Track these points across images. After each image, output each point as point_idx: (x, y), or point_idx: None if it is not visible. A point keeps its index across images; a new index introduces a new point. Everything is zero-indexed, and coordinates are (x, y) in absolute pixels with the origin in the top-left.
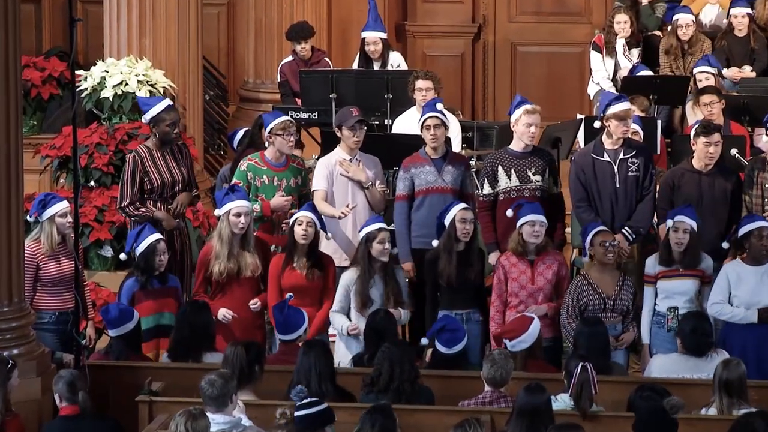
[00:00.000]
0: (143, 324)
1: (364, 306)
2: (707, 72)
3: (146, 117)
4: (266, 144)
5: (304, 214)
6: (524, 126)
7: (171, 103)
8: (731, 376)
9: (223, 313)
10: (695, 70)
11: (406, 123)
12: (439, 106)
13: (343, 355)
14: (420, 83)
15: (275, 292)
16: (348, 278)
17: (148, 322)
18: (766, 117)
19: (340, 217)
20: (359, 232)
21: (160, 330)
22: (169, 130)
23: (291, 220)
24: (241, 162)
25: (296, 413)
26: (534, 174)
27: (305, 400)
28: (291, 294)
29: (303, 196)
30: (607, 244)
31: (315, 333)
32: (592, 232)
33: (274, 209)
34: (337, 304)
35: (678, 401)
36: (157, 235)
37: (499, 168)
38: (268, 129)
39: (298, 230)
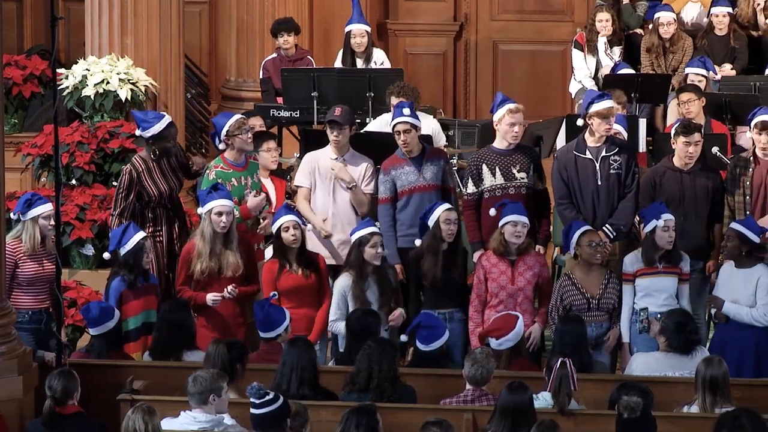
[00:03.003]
0: (132, 323)
1: None
2: (700, 75)
3: (146, 134)
4: (222, 146)
5: (288, 219)
6: (507, 126)
7: (170, 119)
8: (716, 374)
9: (211, 297)
10: (688, 70)
11: (378, 128)
12: (406, 111)
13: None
14: (393, 100)
15: None
16: (342, 284)
17: (137, 321)
18: (749, 115)
19: (320, 231)
20: (351, 235)
21: (149, 328)
22: (170, 146)
23: (275, 228)
24: (208, 171)
25: (254, 411)
26: (519, 171)
27: (264, 398)
28: (275, 293)
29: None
30: (594, 243)
31: (320, 332)
32: (578, 232)
33: (252, 210)
34: (336, 312)
35: (636, 401)
36: (142, 233)
37: (484, 166)
38: (224, 132)
39: (287, 236)
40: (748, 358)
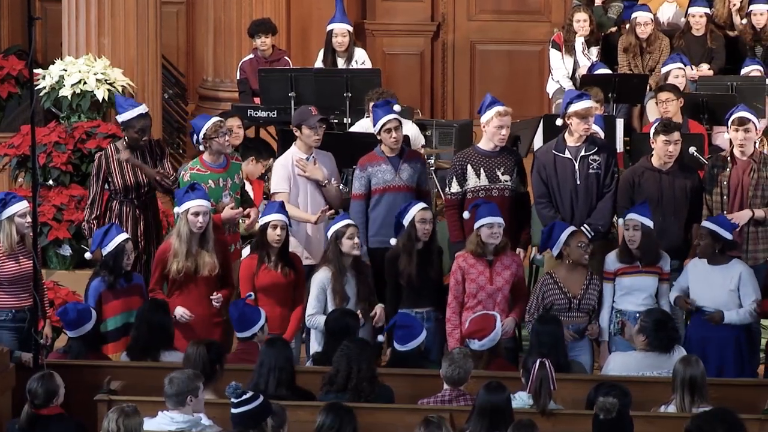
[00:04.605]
0: (112, 324)
1: (342, 303)
2: (681, 68)
3: (118, 118)
4: (201, 148)
5: (278, 218)
6: (495, 128)
7: (145, 110)
8: (695, 373)
9: (180, 312)
10: (669, 66)
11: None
12: (397, 107)
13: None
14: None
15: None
16: (321, 278)
17: (116, 322)
18: (727, 115)
19: (316, 222)
20: (327, 231)
21: (129, 328)
22: (137, 136)
23: (262, 221)
24: (183, 173)
25: (234, 410)
26: (503, 174)
27: (243, 397)
28: (251, 293)
29: (244, 193)
30: (584, 244)
31: (295, 330)
32: (566, 234)
33: (225, 222)
34: (314, 306)
35: (612, 402)
36: (124, 235)
37: (469, 167)
38: (201, 134)
39: (273, 235)
40: (729, 358)
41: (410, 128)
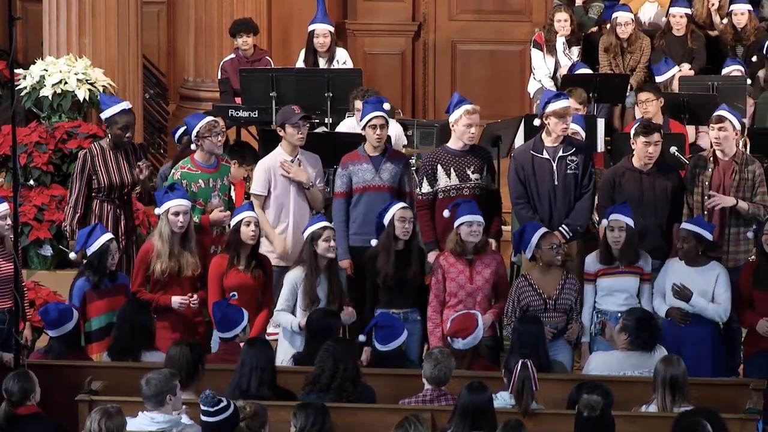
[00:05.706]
0: (96, 323)
1: (311, 305)
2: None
3: (102, 116)
4: (193, 147)
5: (250, 215)
6: (464, 126)
7: (128, 107)
8: (676, 373)
9: (179, 301)
10: (673, 72)
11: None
12: (386, 106)
13: (285, 353)
14: (358, 104)
15: (217, 293)
16: (294, 277)
17: (100, 321)
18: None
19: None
20: (303, 232)
21: (113, 328)
22: (120, 133)
23: (235, 220)
24: (174, 171)
25: (208, 419)
26: (473, 172)
27: (218, 406)
28: (235, 293)
29: (229, 197)
30: (555, 245)
31: (258, 333)
32: (538, 236)
33: (213, 224)
34: (282, 303)
35: (596, 400)
36: (109, 235)
37: (439, 167)
38: (194, 133)
39: (247, 231)
40: (705, 357)
41: (393, 128)
